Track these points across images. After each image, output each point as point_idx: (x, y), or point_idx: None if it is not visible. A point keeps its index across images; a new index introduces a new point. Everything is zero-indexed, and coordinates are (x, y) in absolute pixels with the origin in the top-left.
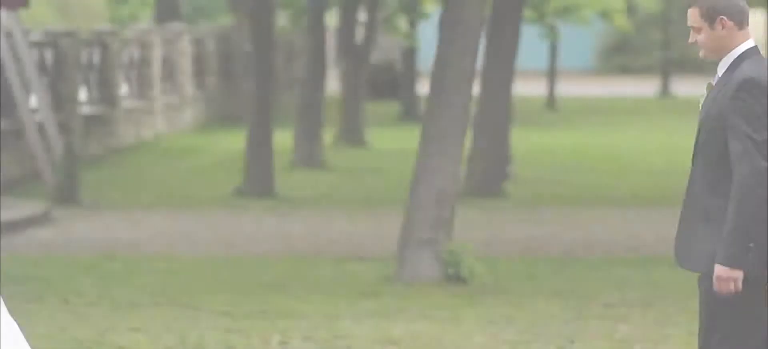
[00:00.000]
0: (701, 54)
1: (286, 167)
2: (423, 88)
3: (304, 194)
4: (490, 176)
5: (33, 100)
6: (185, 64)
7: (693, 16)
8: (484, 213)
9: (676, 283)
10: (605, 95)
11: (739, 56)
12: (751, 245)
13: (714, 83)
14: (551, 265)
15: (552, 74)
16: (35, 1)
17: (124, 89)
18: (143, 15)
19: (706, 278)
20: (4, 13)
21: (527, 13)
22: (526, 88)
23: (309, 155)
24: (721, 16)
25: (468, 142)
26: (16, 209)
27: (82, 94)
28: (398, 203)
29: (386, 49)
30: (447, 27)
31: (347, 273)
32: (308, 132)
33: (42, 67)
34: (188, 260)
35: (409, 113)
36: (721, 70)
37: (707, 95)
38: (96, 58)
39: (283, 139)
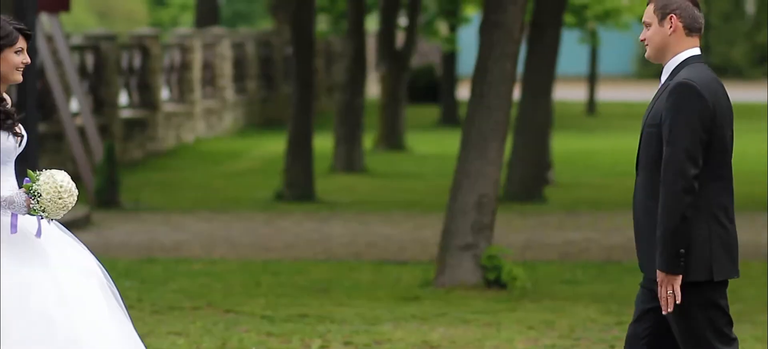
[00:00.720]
0: (646, 54)
1: (326, 172)
2: (463, 92)
3: (343, 199)
4: (530, 181)
5: (73, 104)
6: (225, 69)
7: (647, 12)
8: (523, 218)
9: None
10: (645, 100)
11: (682, 62)
12: (682, 250)
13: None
14: (591, 270)
15: (592, 79)
16: (76, 6)
17: (164, 93)
18: (184, 19)
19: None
20: (45, 17)
21: (568, 18)
22: (566, 93)
23: (349, 160)
24: (673, 15)
25: (508, 147)
26: None
27: (123, 98)
28: (438, 208)
29: (426, 53)
30: (487, 31)
31: (387, 277)
32: (348, 136)
33: (83, 71)
34: (228, 264)
35: (449, 118)
36: (664, 75)
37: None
38: (136, 62)
39: (323, 143)
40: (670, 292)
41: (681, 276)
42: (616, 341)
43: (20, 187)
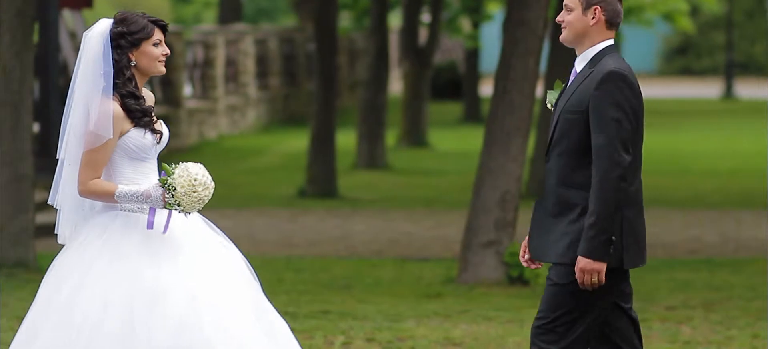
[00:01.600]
0: (562, 37)
1: (348, 168)
2: (485, 89)
3: (366, 195)
4: None
5: None
6: (248, 65)
7: None
8: None
9: (739, 285)
10: (668, 97)
11: (600, 51)
12: (613, 238)
13: (571, 78)
14: None
15: None
16: (99, 2)
17: (187, 90)
18: (206, 16)
19: (556, 267)
20: (68, 13)
21: None
22: None
23: (371, 156)
24: (598, 6)
25: (531, 143)
26: None
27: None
28: (461, 205)
29: (449, 50)
30: (511, 28)
31: (410, 274)
32: (371, 133)
33: None
34: (251, 260)
35: (472, 115)
36: (579, 64)
37: (563, 89)
38: None
39: (345, 140)
40: (594, 280)
41: (605, 264)
42: None
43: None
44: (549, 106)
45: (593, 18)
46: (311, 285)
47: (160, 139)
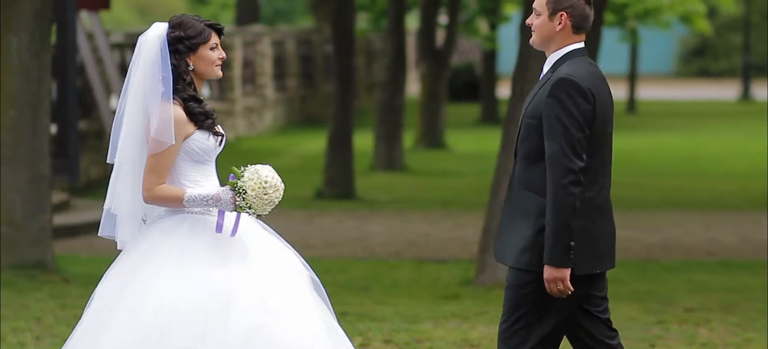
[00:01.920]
0: (531, 40)
1: (366, 170)
2: (503, 90)
3: (384, 197)
4: None
5: (114, 102)
6: (266, 67)
7: (539, 0)
8: None
9: (757, 287)
10: (685, 99)
11: (564, 56)
12: (572, 243)
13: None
14: (631, 269)
15: (632, 78)
16: (116, 3)
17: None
18: (224, 17)
19: (512, 270)
20: (85, 14)
21: (608, 16)
22: None
23: (389, 158)
24: (563, 12)
25: None
26: (96, 210)
27: None
28: (478, 206)
29: (466, 51)
30: (528, 30)
31: (427, 276)
32: (388, 135)
33: (123, 68)
34: None
35: (489, 116)
36: (545, 67)
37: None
38: None
39: (363, 141)
40: (561, 288)
41: (569, 270)
42: (657, 339)
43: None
44: None
45: (559, 23)
46: (329, 287)
47: (222, 141)
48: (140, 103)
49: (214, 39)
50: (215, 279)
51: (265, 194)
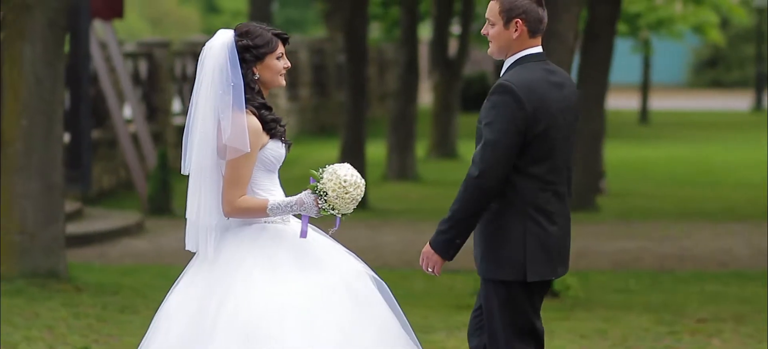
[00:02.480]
0: (489, 49)
1: (378, 179)
2: None
3: (396, 206)
4: (582, 190)
5: (127, 111)
6: None
7: (492, 10)
8: (576, 226)
9: None
10: (698, 109)
11: (516, 60)
12: (458, 241)
13: None
14: (643, 279)
15: (645, 88)
16: (129, 13)
17: None
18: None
19: (482, 280)
20: (98, 24)
21: (621, 27)
22: (619, 102)
23: (402, 167)
24: (518, 19)
25: None
26: (109, 219)
27: (176, 105)
28: None
29: (479, 61)
30: (542, 40)
31: (440, 286)
32: (401, 144)
33: (136, 78)
34: None
35: None
36: (502, 72)
37: None
38: (190, 69)
39: (375, 151)
40: (430, 269)
41: (443, 260)
42: None
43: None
44: None
45: (515, 31)
46: None
47: (289, 148)
48: (210, 112)
49: (281, 48)
50: (307, 284)
51: (346, 193)
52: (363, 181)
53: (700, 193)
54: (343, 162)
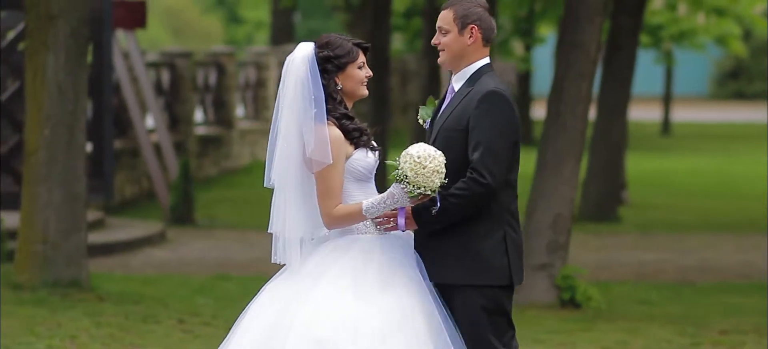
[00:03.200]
0: (440, 59)
1: None
2: (537, 112)
3: None
4: (604, 201)
5: (149, 121)
6: None
7: (445, 18)
8: (598, 238)
9: None
10: (720, 121)
11: (478, 70)
12: (438, 227)
13: (447, 96)
14: (665, 291)
15: (667, 99)
16: (152, 23)
17: (239, 110)
18: (259, 37)
19: (482, 288)
20: (121, 33)
21: (643, 38)
22: (641, 113)
23: None
24: (473, 25)
25: (583, 166)
26: (131, 229)
27: (198, 115)
28: None
29: (501, 72)
30: (564, 51)
31: None
32: None
33: (158, 87)
34: None
35: (524, 137)
36: (456, 83)
37: (439, 107)
38: (212, 80)
39: None
40: (389, 225)
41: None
42: None
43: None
44: (421, 122)
45: (470, 37)
46: None
47: (379, 156)
48: (294, 124)
49: (361, 57)
50: (388, 305)
51: (423, 168)
52: (439, 152)
53: (722, 204)
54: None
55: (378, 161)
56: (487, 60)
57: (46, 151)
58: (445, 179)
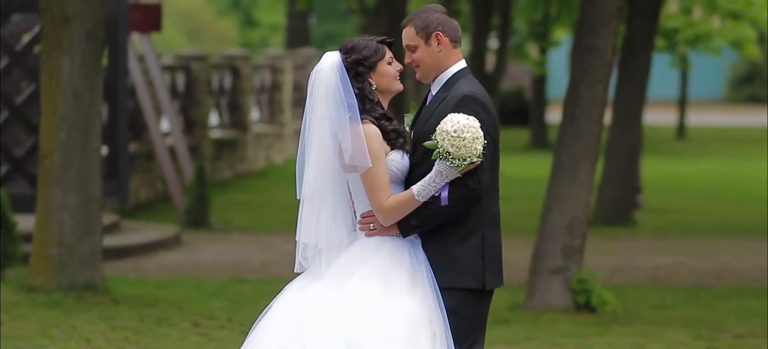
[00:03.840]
0: (417, 75)
1: None
2: (552, 115)
3: None
4: (619, 205)
5: (164, 124)
6: None
7: (408, 34)
8: (613, 241)
9: None
10: (735, 125)
11: (454, 75)
12: (415, 224)
13: (427, 101)
14: (680, 294)
15: (682, 103)
16: (167, 26)
17: (254, 114)
18: (274, 40)
19: (451, 291)
20: (136, 37)
21: (659, 42)
22: (657, 117)
23: None
24: (437, 32)
25: (599, 170)
26: (146, 232)
27: (213, 119)
28: (528, 231)
29: (516, 76)
30: (580, 55)
31: None
32: None
33: (173, 91)
34: None
35: (539, 141)
36: (434, 88)
37: (418, 112)
38: (227, 83)
39: None
40: (374, 228)
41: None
42: None
43: None
44: (406, 128)
45: (438, 44)
46: None
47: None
48: (328, 132)
49: (388, 53)
50: (417, 305)
51: (463, 140)
52: (471, 117)
53: (737, 208)
54: None
55: (408, 165)
56: (462, 63)
57: (62, 154)
58: (485, 140)
